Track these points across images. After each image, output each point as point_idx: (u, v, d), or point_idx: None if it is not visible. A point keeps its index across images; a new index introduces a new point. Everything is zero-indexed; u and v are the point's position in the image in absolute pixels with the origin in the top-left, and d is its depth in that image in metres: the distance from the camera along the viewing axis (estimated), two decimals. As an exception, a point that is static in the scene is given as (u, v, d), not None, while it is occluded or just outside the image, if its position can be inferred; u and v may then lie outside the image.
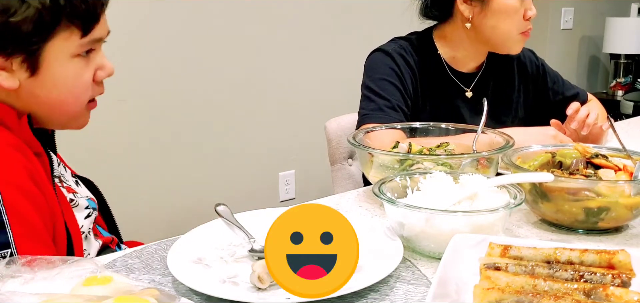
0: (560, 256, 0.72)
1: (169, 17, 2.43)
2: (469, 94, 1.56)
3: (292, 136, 2.89)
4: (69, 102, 0.95)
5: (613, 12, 3.92)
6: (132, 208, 2.40)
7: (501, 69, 1.61)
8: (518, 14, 1.44)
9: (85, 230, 1.01)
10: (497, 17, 1.45)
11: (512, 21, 1.44)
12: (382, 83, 1.47)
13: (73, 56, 0.92)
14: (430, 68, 1.53)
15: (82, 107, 0.98)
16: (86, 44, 0.93)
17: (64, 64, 0.91)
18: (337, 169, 1.81)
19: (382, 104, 1.44)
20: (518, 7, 1.44)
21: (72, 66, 0.92)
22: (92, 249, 1.03)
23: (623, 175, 1.02)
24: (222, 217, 0.97)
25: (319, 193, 1.38)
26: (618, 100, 3.83)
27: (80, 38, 0.91)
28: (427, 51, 1.54)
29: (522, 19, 1.45)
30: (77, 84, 0.94)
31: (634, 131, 1.80)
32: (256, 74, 2.72)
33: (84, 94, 0.96)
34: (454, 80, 1.55)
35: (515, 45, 1.49)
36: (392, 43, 1.55)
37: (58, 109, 0.95)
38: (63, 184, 1.03)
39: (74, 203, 1.00)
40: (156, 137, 2.48)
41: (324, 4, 2.86)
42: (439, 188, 0.92)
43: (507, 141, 1.14)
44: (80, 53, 0.93)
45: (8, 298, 0.67)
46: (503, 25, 1.45)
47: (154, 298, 0.68)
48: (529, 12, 1.44)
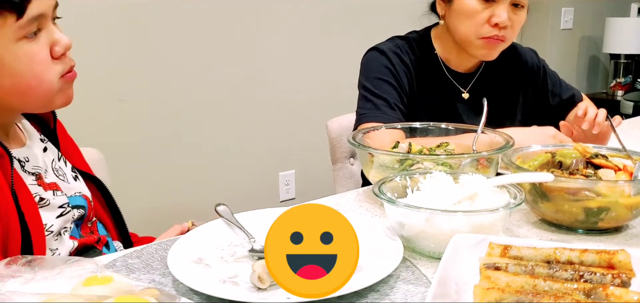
0: (560, 256, 0.72)
1: (169, 17, 2.43)
2: (466, 96, 1.55)
3: (292, 136, 2.89)
4: (34, 84, 0.93)
5: (613, 12, 3.92)
6: (132, 208, 2.39)
7: (500, 71, 1.59)
8: (477, 17, 1.39)
9: (55, 229, 1.00)
10: (458, 17, 1.43)
11: (470, 24, 1.40)
12: (378, 82, 1.47)
13: (18, 39, 0.90)
14: (427, 67, 1.53)
15: (53, 84, 0.95)
16: (27, 24, 0.91)
17: (12, 50, 0.90)
18: (339, 168, 1.82)
19: (379, 103, 1.44)
20: (477, 10, 1.39)
21: (21, 50, 0.91)
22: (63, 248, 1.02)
23: (623, 175, 1.02)
24: (222, 217, 0.97)
25: (319, 193, 1.38)
26: (618, 100, 3.83)
27: (17, 20, 0.90)
28: (425, 50, 1.54)
29: (486, 24, 1.39)
30: (35, 66, 0.92)
31: (634, 131, 1.80)
32: (256, 74, 2.72)
33: (47, 73, 0.94)
34: (450, 80, 1.54)
35: (477, 50, 1.44)
36: (388, 42, 1.55)
37: (29, 94, 0.94)
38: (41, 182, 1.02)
39: (45, 201, 1.00)
40: (156, 137, 2.48)
41: (324, 4, 2.86)
42: (439, 188, 0.92)
43: (507, 141, 1.14)
44: (27, 35, 0.91)
45: (8, 298, 0.67)
46: (462, 27, 1.43)
47: (154, 298, 0.68)
48: (495, 18, 1.38)
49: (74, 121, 2.03)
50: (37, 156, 1.05)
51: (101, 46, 2.25)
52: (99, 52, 2.23)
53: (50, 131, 1.13)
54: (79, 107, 1.02)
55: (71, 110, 1.03)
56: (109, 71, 2.28)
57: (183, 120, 2.54)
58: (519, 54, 1.63)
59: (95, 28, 2.23)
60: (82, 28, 2.15)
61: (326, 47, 2.91)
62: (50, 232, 0.99)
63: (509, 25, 1.40)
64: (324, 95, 2.89)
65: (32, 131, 1.10)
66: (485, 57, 1.48)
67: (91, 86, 2.17)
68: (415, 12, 1.60)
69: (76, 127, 2.10)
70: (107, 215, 1.18)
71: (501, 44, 1.43)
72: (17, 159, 1.00)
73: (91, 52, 2.15)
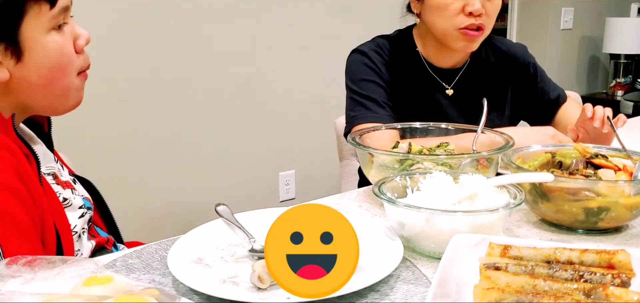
0: (560, 256, 0.72)
1: (169, 17, 2.43)
2: (450, 92, 1.54)
3: (292, 136, 2.89)
4: (59, 77, 0.95)
5: (613, 12, 3.92)
6: (132, 208, 2.40)
7: (487, 66, 1.58)
8: (450, 8, 1.39)
9: (79, 230, 1.00)
10: (432, 13, 1.43)
11: (445, 16, 1.40)
12: (364, 83, 1.48)
13: (49, 30, 0.93)
14: (409, 65, 1.53)
15: (73, 79, 0.98)
16: (57, 15, 0.93)
17: (43, 41, 0.92)
18: (345, 165, 1.83)
19: (369, 104, 1.45)
20: (450, 2, 1.39)
21: (51, 41, 0.93)
22: (84, 249, 1.02)
23: (623, 175, 1.02)
24: (222, 217, 0.97)
25: (319, 193, 1.39)
26: (618, 100, 3.83)
27: (50, 9, 0.92)
28: (407, 47, 1.54)
29: (460, 13, 1.39)
30: (62, 57, 0.95)
31: (634, 131, 1.80)
32: (256, 74, 2.72)
33: (71, 66, 0.97)
34: (433, 76, 1.54)
35: (455, 42, 1.43)
36: (369, 42, 1.56)
37: (51, 88, 0.96)
38: (59, 181, 1.03)
39: (67, 202, 1.00)
40: (156, 137, 2.48)
41: (324, 4, 2.86)
42: (439, 188, 0.92)
43: (507, 141, 1.14)
44: (54, 26, 0.93)
45: (8, 298, 0.67)
46: (438, 21, 1.43)
47: (154, 298, 0.68)
48: (468, 7, 1.38)
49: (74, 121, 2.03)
50: (48, 156, 1.05)
51: (101, 46, 2.24)
52: (99, 52, 2.22)
53: (45, 135, 1.12)
54: (79, 107, 1.02)
55: (71, 109, 1.03)
56: (109, 71, 2.28)
57: (183, 120, 2.54)
58: (508, 49, 1.62)
59: (96, 28, 2.21)
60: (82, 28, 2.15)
61: (326, 47, 2.91)
62: (75, 232, 0.99)
63: (483, 13, 1.40)
64: (324, 95, 2.89)
65: (33, 135, 1.09)
66: (465, 49, 1.47)
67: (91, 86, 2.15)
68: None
69: (76, 127, 2.10)
70: (99, 217, 1.18)
71: (480, 33, 1.42)
72: None
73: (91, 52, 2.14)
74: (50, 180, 1.00)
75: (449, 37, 1.43)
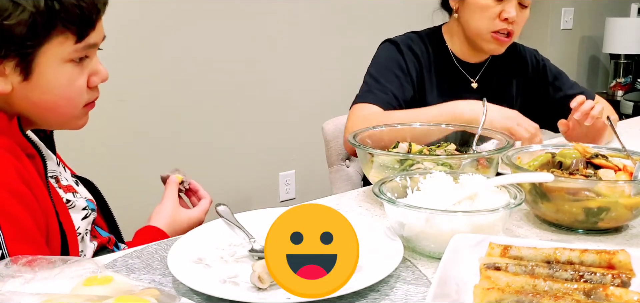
0: (560, 257, 0.72)
1: (169, 17, 2.43)
2: (475, 85, 1.63)
3: (292, 136, 2.89)
4: (62, 105, 0.94)
5: (613, 12, 3.92)
6: (132, 208, 2.39)
7: (503, 63, 1.66)
8: (489, 11, 1.49)
9: (82, 231, 1.00)
10: (471, 12, 1.52)
11: (482, 18, 1.50)
12: (381, 69, 1.56)
13: (66, 61, 0.91)
14: (437, 58, 1.61)
15: (77, 110, 0.97)
16: (81, 50, 0.92)
17: (57, 69, 0.90)
18: (335, 171, 1.80)
19: (374, 87, 1.52)
20: (489, 5, 1.48)
21: (65, 71, 0.91)
22: (87, 250, 1.02)
23: (623, 175, 1.02)
24: (222, 217, 0.97)
25: (319, 193, 1.39)
26: (618, 100, 3.83)
27: (75, 43, 0.90)
28: (437, 43, 1.63)
29: (496, 18, 1.49)
30: (71, 90, 0.93)
31: (634, 131, 1.80)
32: (256, 74, 2.72)
33: (78, 99, 0.95)
34: (460, 70, 1.62)
35: (487, 44, 1.54)
36: (403, 35, 1.64)
37: (52, 112, 0.95)
38: (60, 185, 1.02)
39: (71, 203, 1.00)
40: (156, 137, 2.48)
41: (324, 4, 2.86)
42: (439, 188, 0.92)
43: (507, 141, 1.15)
44: (74, 59, 0.92)
45: (8, 298, 0.67)
46: (474, 21, 1.52)
47: (154, 298, 0.68)
48: (504, 13, 1.48)
49: (74, 121, 2.03)
50: (50, 159, 1.05)
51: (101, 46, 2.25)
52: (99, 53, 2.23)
53: (47, 137, 1.12)
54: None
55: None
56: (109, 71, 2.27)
57: (183, 120, 2.54)
58: (520, 51, 1.72)
59: (95, 28, 2.22)
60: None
61: (326, 47, 2.91)
62: (79, 234, 0.99)
63: (516, 21, 1.49)
64: (325, 95, 2.89)
65: (36, 139, 1.09)
66: (494, 52, 1.57)
67: (91, 86, 2.17)
68: (414, 12, 1.64)
69: (76, 127, 2.10)
70: (101, 217, 1.18)
71: (509, 39, 1.52)
72: None
73: (91, 52, 2.15)
74: (53, 183, 1.00)
75: (481, 38, 1.53)
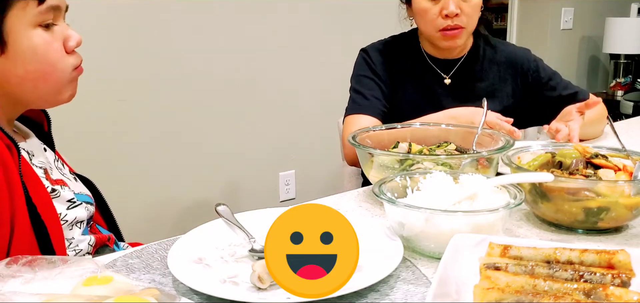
0: (560, 257, 0.72)
1: (169, 17, 2.43)
2: (447, 81, 1.64)
3: (292, 136, 2.89)
4: (49, 72, 0.97)
5: (613, 12, 3.92)
6: (132, 208, 2.40)
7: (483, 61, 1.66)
8: (429, 13, 1.52)
9: (69, 219, 1.02)
10: (417, 18, 1.58)
11: (426, 21, 1.54)
12: (360, 79, 1.63)
13: (35, 25, 0.94)
14: (410, 58, 1.65)
15: (65, 73, 0.99)
16: (45, 12, 0.95)
17: (28, 35, 0.94)
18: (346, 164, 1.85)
19: (357, 98, 1.59)
20: (428, 8, 1.52)
21: (37, 36, 0.95)
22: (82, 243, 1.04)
23: (623, 175, 1.02)
24: (222, 217, 0.97)
25: (319, 193, 1.39)
26: (618, 100, 3.83)
27: (38, 6, 0.94)
28: (411, 44, 1.67)
29: (438, 17, 1.51)
30: (50, 53, 0.96)
31: (634, 131, 1.80)
32: (256, 74, 2.72)
33: (62, 62, 0.98)
34: (432, 67, 1.64)
35: (439, 41, 1.57)
36: (377, 41, 1.70)
37: (43, 81, 0.97)
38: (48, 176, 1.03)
39: (56, 193, 1.02)
40: (156, 137, 2.48)
41: (325, 4, 2.86)
42: (439, 188, 0.92)
43: (507, 141, 1.15)
44: (41, 24, 0.95)
45: (8, 298, 0.67)
46: (421, 25, 1.59)
47: (154, 298, 0.68)
48: (444, 10, 1.50)
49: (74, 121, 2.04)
50: (40, 152, 1.06)
51: (101, 46, 2.25)
52: (99, 52, 2.23)
53: (45, 134, 1.13)
54: (79, 107, 1.02)
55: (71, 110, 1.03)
56: (109, 71, 2.28)
57: (183, 120, 2.54)
58: (511, 50, 1.72)
59: (95, 28, 2.23)
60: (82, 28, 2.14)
61: (327, 47, 2.91)
62: (65, 221, 1.01)
63: (459, 13, 1.51)
64: (325, 95, 2.89)
65: (29, 132, 1.10)
66: (450, 47, 1.59)
67: (91, 86, 2.16)
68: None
69: (76, 127, 2.10)
70: (100, 216, 1.18)
71: (459, 31, 1.53)
72: (26, 151, 1.00)
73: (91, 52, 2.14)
74: (41, 174, 1.01)
75: (433, 38, 1.57)
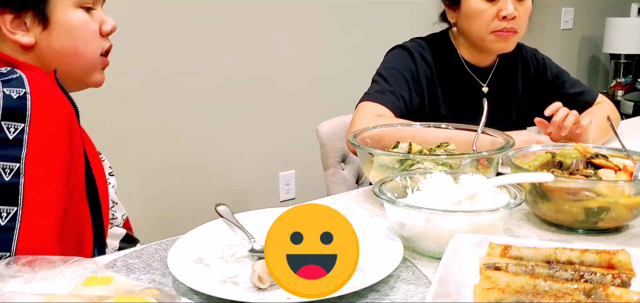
0: (560, 257, 0.72)
1: (169, 17, 2.43)
2: (485, 89, 1.62)
3: (292, 136, 2.89)
4: (82, 49, 1.04)
5: (613, 12, 3.92)
6: (132, 208, 2.39)
7: (509, 66, 1.66)
8: (485, 14, 1.48)
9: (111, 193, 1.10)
10: (468, 20, 1.52)
11: (480, 22, 1.50)
12: (392, 71, 1.54)
13: (76, 6, 1.02)
14: (448, 64, 1.60)
15: (95, 56, 1.07)
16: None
17: (69, 13, 1.02)
18: (331, 174, 1.79)
19: (385, 88, 1.50)
20: (484, 9, 1.48)
21: (77, 15, 1.03)
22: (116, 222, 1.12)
23: (623, 175, 1.02)
24: (222, 217, 0.97)
25: (319, 193, 1.39)
26: (618, 100, 3.83)
27: None
28: (445, 49, 1.61)
29: (495, 19, 1.48)
30: (86, 33, 1.04)
31: (634, 131, 1.80)
32: (256, 74, 2.72)
33: (94, 43, 1.06)
34: (471, 75, 1.61)
35: (490, 45, 1.53)
36: (411, 41, 1.63)
37: (75, 57, 1.04)
38: None
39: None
40: (156, 137, 2.48)
41: (325, 4, 2.86)
42: (439, 188, 0.92)
43: (507, 141, 1.15)
44: (82, 6, 1.03)
45: (8, 298, 0.67)
46: (473, 27, 1.52)
47: (154, 298, 0.68)
48: (503, 11, 1.47)
49: (74, 121, 2.03)
50: None
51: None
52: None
53: None
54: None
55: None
56: (109, 71, 2.27)
57: (183, 120, 2.54)
58: (522, 51, 1.71)
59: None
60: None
61: (327, 48, 2.91)
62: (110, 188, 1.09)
63: (516, 16, 1.48)
64: (325, 95, 2.89)
65: None
66: (502, 50, 1.56)
67: (91, 86, 2.17)
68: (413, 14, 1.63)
69: (76, 127, 2.10)
70: None
71: (514, 34, 1.51)
72: None
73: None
74: None
75: (485, 41, 1.52)
